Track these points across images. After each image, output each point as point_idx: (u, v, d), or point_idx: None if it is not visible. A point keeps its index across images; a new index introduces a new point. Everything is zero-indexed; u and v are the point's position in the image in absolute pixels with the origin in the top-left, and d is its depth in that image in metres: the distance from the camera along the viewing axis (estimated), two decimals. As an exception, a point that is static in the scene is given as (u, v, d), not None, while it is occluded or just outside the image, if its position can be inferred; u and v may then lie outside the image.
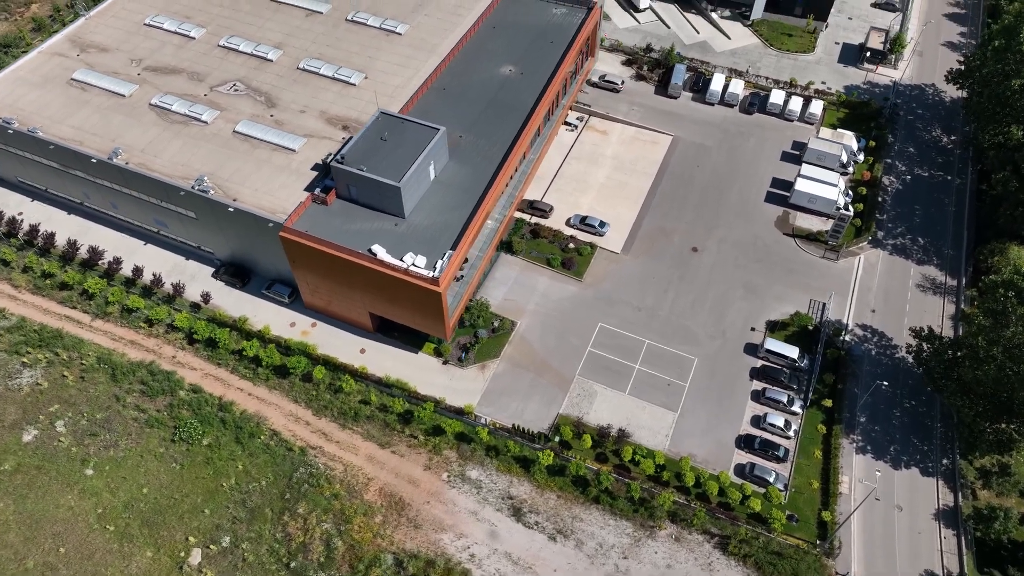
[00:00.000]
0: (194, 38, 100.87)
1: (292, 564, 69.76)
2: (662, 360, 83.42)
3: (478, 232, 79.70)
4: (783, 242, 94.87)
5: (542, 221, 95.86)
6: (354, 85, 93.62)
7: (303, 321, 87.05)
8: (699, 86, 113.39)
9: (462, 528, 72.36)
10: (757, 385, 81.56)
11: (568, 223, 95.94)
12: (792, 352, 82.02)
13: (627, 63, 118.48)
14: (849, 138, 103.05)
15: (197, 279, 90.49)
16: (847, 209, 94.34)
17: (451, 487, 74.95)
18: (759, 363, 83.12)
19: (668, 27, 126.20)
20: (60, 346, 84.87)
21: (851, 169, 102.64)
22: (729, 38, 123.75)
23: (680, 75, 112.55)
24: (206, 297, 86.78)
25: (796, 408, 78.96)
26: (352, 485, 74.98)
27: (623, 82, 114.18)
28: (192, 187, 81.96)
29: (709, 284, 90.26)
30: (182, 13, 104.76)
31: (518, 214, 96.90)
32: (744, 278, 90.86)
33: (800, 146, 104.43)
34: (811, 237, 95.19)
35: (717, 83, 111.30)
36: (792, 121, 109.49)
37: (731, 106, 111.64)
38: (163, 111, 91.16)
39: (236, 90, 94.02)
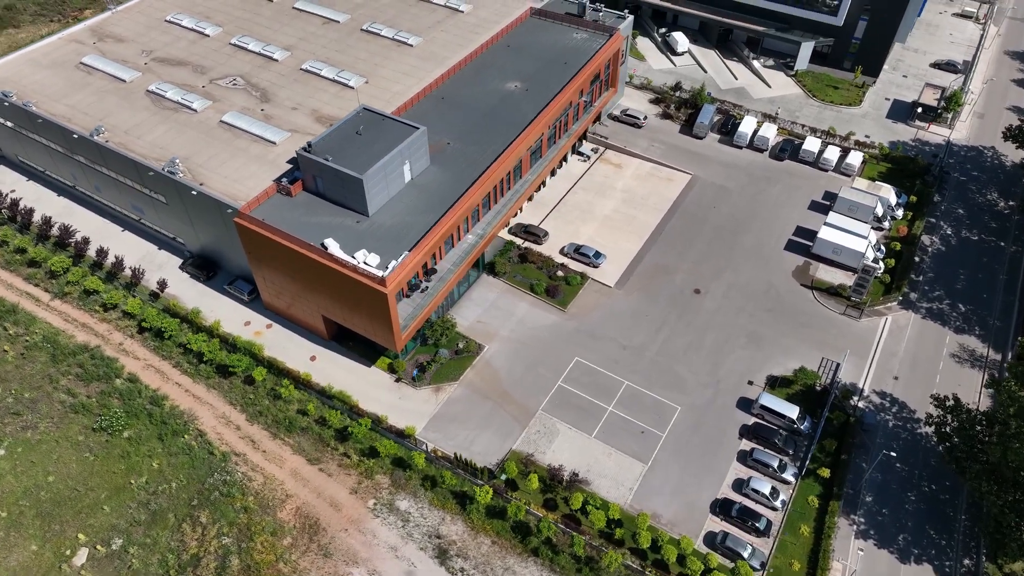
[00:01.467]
0: (208, 35, 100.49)
1: (181, 579, 61.69)
2: (640, 405, 73.36)
3: (443, 239, 72.80)
4: (799, 293, 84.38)
5: (533, 246, 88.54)
6: (352, 88, 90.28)
7: (259, 321, 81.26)
8: (727, 128, 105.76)
9: (377, 564, 62.90)
10: (747, 445, 70.31)
11: (562, 251, 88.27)
12: (791, 411, 70.71)
13: (655, 101, 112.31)
14: (887, 191, 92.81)
15: (164, 269, 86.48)
16: (876, 263, 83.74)
17: (375, 516, 65.92)
18: (752, 420, 72.04)
19: (705, 71, 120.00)
20: (11, 321, 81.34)
21: (887, 224, 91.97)
22: (769, 86, 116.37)
23: (708, 115, 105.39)
24: (162, 285, 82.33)
25: (788, 476, 67.23)
26: (267, 500, 66.93)
27: (645, 118, 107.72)
28: (162, 168, 78.74)
29: (708, 329, 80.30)
30: (204, 13, 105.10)
31: (509, 236, 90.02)
32: (749, 326, 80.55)
33: (832, 196, 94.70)
34: (832, 291, 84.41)
35: (747, 126, 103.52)
36: (827, 171, 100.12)
37: (760, 151, 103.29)
38: (157, 98, 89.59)
39: (234, 84, 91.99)
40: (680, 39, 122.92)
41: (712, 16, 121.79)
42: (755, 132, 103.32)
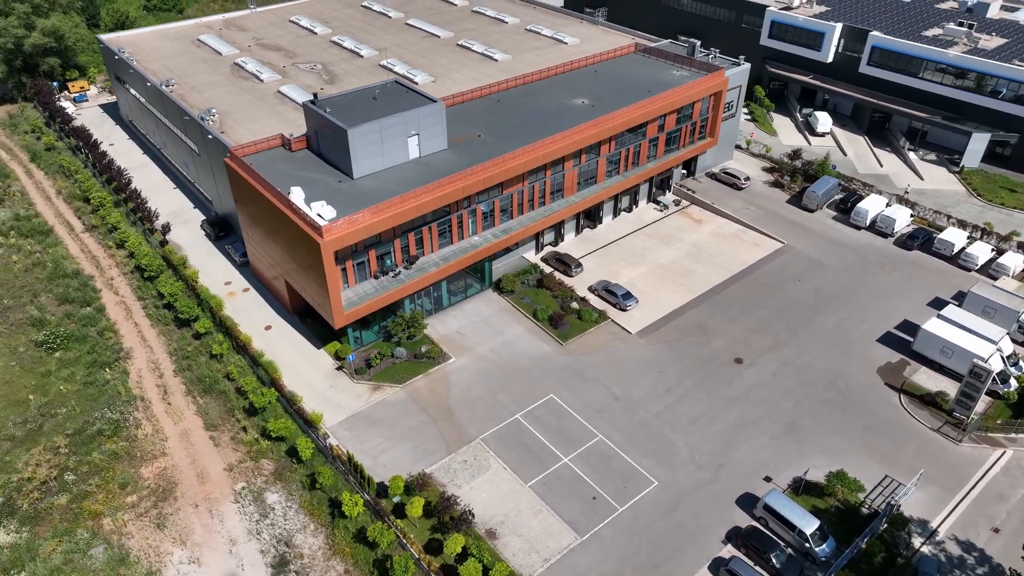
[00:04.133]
0: (316, 33, 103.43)
1: None
2: (607, 467, 55.79)
3: (414, 211, 62.35)
4: (879, 393, 62.55)
5: (561, 276, 75.48)
6: (415, 83, 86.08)
7: (240, 285, 75.44)
8: (846, 205, 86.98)
9: (203, 553, 50.46)
10: (729, 552, 49.79)
11: (590, 288, 74.22)
12: (807, 524, 49.41)
13: (768, 170, 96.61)
14: (1045, 299, 68.76)
15: (190, 225, 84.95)
16: (1006, 382, 60.53)
17: (235, 501, 53.98)
18: (748, 523, 51.47)
19: (844, 154, 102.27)
20: (38, 240, 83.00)
21: (1035, 340, 67.51)
22: (922, 179, 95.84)
23: (825, 186, 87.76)
24: (165, 229, 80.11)
25: (772, 607, 45.80)
26: (140, 452, 57.81)
27: (747, 179, 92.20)
28: (198, 116, 78.18)
29: (736, 403, 61.22)
30: (325, 19, 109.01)
31: (536, 259, 77.94)
32: (793, 414, 60.28)
33: (964, 296, 72.10)
34: (928, 399, 61.62)
35: (871, 204, 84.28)
36: (969, 270, 77.43)
37: (884, 235, 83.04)
38: (238, 68, 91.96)
39: (312, 68, 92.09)
40: (823, 119, 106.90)
41: (872, 100, 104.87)
42: (881, 214, 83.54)
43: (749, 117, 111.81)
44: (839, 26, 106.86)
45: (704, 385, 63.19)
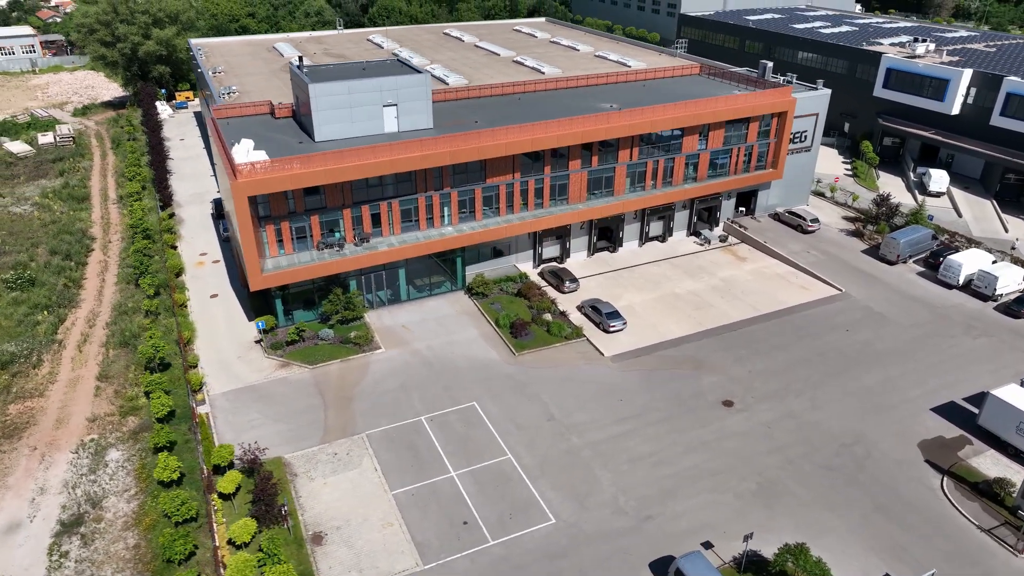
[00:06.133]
0: (382, 48, 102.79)
1: None
2: (500, 491, 43.30)
3: (355, 172, 55.16)
4: (914, 470, 45.15)
5: (554, 292, 64.73)
6: (447, 83, 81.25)
7: (215, 255, 72.15)
8: (935, 259, 69.32)
9: (4, 497, 43.66)
10: (613, 626, 35.33)
11: (578, 306, 62.65)
12: (729, 606, 34.09)
13: (849, 219, 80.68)
14: None
15: (205, 205, 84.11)
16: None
17: (73, 452, 47.22)
18: (654, 592, 36.76)
19: (960, 215, 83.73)
20: (72, 205, 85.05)
21: None
22: (1059, 249, 75.50)
23: (911, 234, 70.90)
24: (166, 202, 79.41)
25: None
26: (19, 389, 53.07)
27: (816, 221, 76.93)
28: (221, 92, 77.88)
29: (700, 448, 46.54)
30: (399, 39, 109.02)
31: (526, 268, 67.82)
32: (772, 473, 44.64)
33: (1079, 374, 52.66)
34: (984, 489, 43.41)
35: (969, 259, 66.35)
36: (1095, 350, 57.33)
37: (983, 297, 64.49)
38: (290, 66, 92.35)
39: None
40: (937, 176, 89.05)
41: (1006, 157, 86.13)
42: (980, 271, 65.23)
43: (850, 173, 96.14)
44: (968, 72, 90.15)
45: (669, 422, 49.03)
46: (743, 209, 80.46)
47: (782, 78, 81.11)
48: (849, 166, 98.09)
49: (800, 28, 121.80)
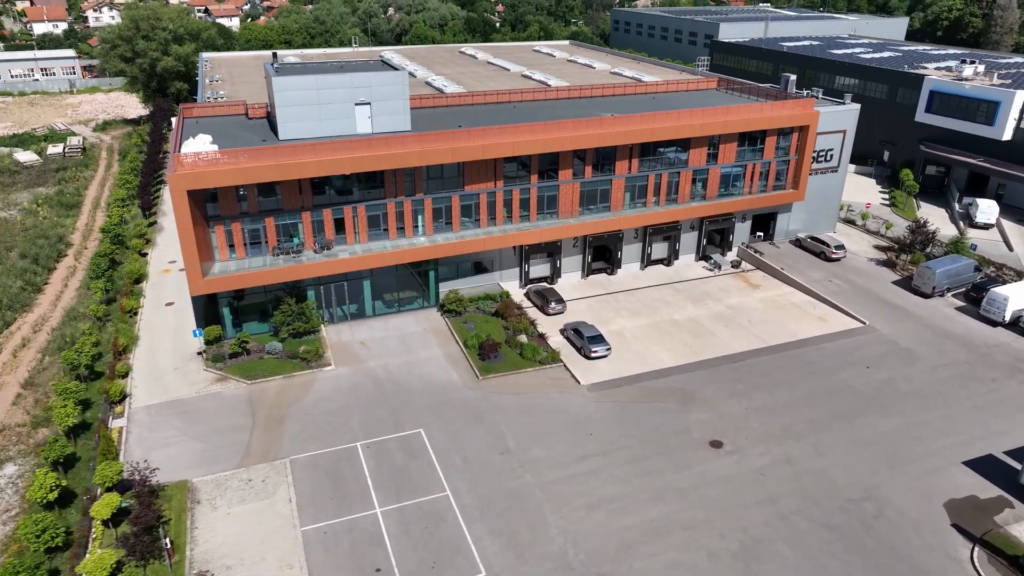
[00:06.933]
0: (391, 63, 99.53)
1: None
2: (428, 533, 36.60)
3: (319, 169, 50.26)
4: (937, 536, 36.84)
5: (539, 314, 58.45)
6: (444, 92, 76.81)
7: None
8: (977, 292, 60.70)
9: None
10: None
11: (560, 329, 56.08)
12: None
13: (882, 248, 72.52)
14: None
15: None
16: None
17: (-30, 463, 42.46)
18: (586, 674, 29.33)
19: (1011, 249, 74.74)
20: (59, 212, 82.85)
21: None
22: None
23: (949, 264, 62.55)
24: (145, 208, 75.87)
25: None
26: (-63, 392, 49.10)
27: (841, 248, 69.02)
28: (207, 96, 74.89)
29: (674, 496, 39.10)
30: (412, 56, 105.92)
31: (511, 286, 61.67)
32: (758, 530, 36.88)
33: None
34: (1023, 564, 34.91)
35: (1017, 292, 57.68)
36: None
37: (1032, 337, 55.78)
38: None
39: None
40: (987, 208, 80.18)
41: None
42: (1032, 307, 56.63)
43: (888, 203, 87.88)
44: (1021, 93, 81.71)
45: (642, 463, 41.75)
46: (760, 234, 73.13)
47: (806, 91, 74.18)
48: (887, 195, 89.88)
49: (838, 53, 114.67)
